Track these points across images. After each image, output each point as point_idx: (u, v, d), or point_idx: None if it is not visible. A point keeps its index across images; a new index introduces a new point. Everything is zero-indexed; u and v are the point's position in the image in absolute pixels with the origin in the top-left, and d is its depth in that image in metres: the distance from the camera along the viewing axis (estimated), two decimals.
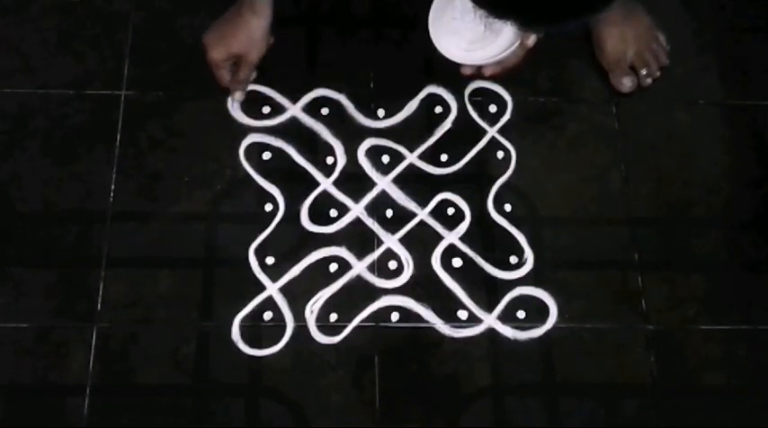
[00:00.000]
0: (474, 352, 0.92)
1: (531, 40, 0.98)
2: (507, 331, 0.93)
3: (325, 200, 0.98)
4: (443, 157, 1.01)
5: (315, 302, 0.93)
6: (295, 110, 1.03)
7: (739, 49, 1.09)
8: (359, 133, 1.02)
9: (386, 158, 1.01)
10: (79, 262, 0.94)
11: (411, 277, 0.95)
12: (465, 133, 1.02)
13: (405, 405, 0.90)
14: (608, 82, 1.05)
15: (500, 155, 1.01)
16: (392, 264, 0.95)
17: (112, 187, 0.98)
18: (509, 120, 1.03)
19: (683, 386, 0.92)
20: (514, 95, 1.04)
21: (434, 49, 1.01)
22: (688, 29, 1.10)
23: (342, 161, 1.00)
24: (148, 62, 1.04)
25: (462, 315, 0.93)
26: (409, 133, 1.02)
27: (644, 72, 1.04)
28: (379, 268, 0.95)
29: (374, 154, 1.01)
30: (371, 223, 0.97)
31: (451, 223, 0.97)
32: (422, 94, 1.04)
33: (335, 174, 0.99)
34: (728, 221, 1.00)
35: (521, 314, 0.93)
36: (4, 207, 0.96)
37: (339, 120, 1.02)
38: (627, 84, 1.04)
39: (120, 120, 1.01)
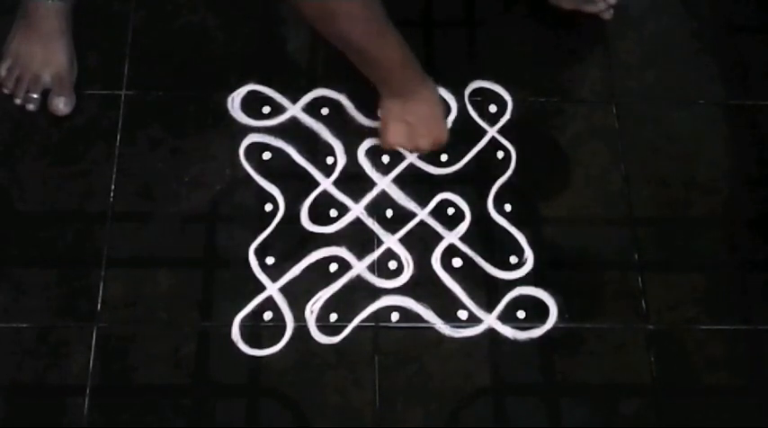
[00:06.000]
0: (474, 352, 0.92)
1: None
2: (507, 331, 0.93)
3: (325, 200, 0.98)
4: (443, 157, 1.01)
5: (315, 302, 0.93)
6: (295, 110, 1.02)
7: (739, 48, 1.09)
8: (359, 133, 1.02)
9: (386, 158, 1.00)
10: (79, 262, 0.94)
11: (411, 277, 0.95)
12: (465, 133, 1.02)
13: (405, 405, 0.89)
14: (608, 82, 1.05)
15: (500, 155, 1.01)
16: (392, 264, 0.95)
17: (112, 187, 0.98)
18: (509, 120, 1.03)
19: (683, 386, 0.92)
20: (514, 95, 1.04)
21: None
22: (688, 29, 1.10)
23: (342, 161, 1.00)
24: (148, 62, 1.04)
25: (462, 315, 0.93)
26: None
27: None
28: (379, 268, 0.95)
29: (374, 154, 1.01)
30: (371, 223, 0.97)
31: (451, 223, 0.97)
32: None
33: (335, 174, 0.99)
34: (728, 221, 1.00)
35: (521, 314, 0.93)
36: (4, 207, 0.96)
37: (339, 120, 1.02)
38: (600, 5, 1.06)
39: (120, 120, 1.01)
